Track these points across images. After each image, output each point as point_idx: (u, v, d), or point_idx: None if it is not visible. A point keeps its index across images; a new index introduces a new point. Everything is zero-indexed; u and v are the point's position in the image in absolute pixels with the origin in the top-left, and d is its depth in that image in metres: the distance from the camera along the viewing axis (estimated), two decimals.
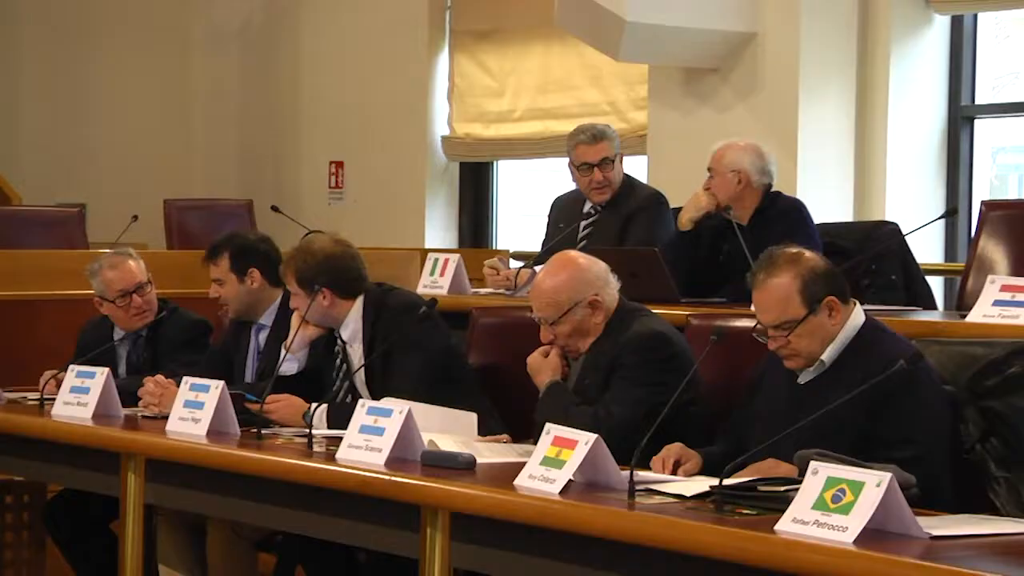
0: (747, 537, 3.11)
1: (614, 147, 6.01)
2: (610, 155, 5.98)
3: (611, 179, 5.99)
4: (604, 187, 5.99)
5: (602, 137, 6.01)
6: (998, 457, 3.85)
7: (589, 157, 5.98)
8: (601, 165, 5.97)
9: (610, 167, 5.98)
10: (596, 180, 5.97)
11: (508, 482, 3.65)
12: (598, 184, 5.98)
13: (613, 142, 6.02)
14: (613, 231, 5.94)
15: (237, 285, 5.17)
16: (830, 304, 3.81)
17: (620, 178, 6.02)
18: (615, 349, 4.29)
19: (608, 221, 5.99)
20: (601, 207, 6.03)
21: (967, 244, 6.75)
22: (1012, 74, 8.98)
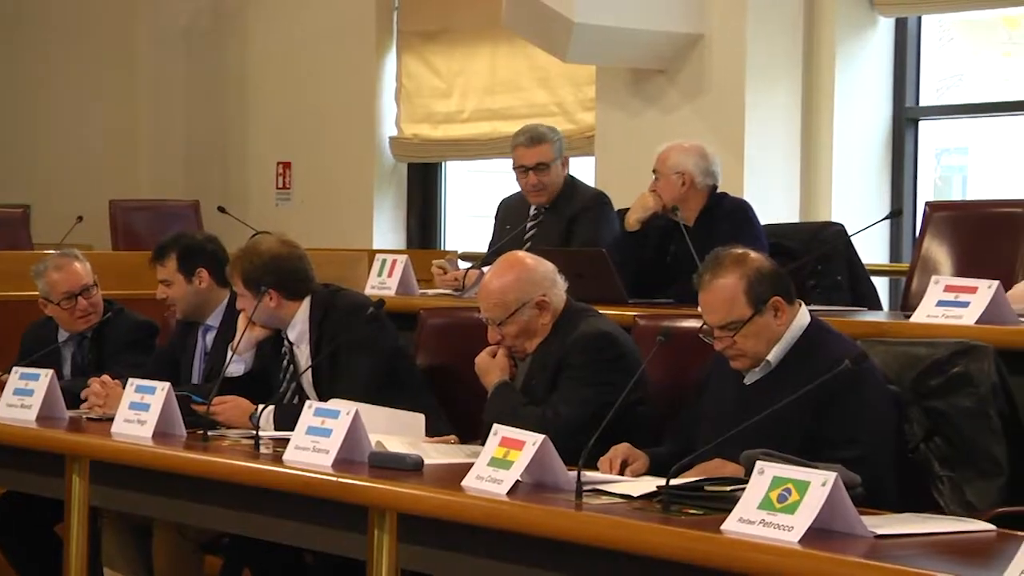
0: (693, 537, 3.12)
1: (553, 151, 6.01)
2: (546, 159, 6.00)
3: (545, 183, 6.01)
4: (540, 191, 6.02)
5: (540, 140, 6.02)
6: (942, 456, 3.88)
7: (525, 160, 6.01)
8: (536, 169, 5.99)
9: (545, 172, 5.99)
10: (531, 183, 6.01)
11: (455, 483, 3.65)
12: (532, 187, 6.02)
13: (553, 145, 6.02)
14: (557, 232, 5.95)
15: (185, 286, 5.14)
16: (776, 305, 3.83)
17: (559, 181, 6.04)
18: (562, 350, 4.30)
19: (552, 222, 6.00)
20: (545, 208, 6.04)
21: (912, 245, 6.79)
22: (956, 76, 9.05)
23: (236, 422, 4.62)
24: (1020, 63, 8.96)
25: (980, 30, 9.01)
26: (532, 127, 6.14)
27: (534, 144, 6.01)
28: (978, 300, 4.44)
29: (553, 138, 6.04)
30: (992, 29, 8.85)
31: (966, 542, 3.14)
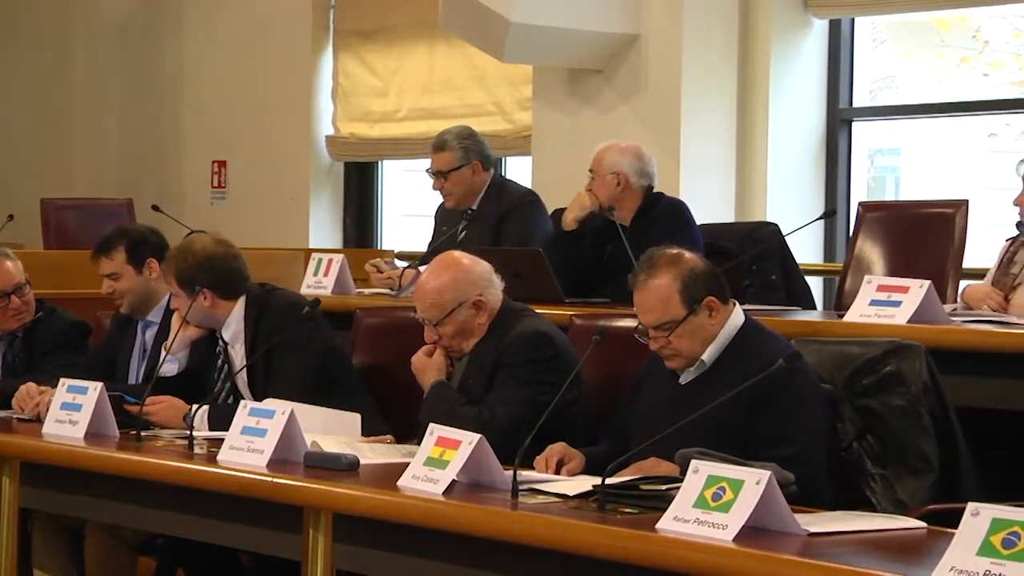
0: (629, 536, 3.13)
1: (456, 158, 6.03)
2: (446, 167, 6.02)
3: (448, 189, 6.03)
4: (447, 196, 6.06)
5: (441, 148, 6.06)
6: (874, 454, 3.92)
7: (431, 165, 6.05)
8: (436, 175, 6.02)
9: (444, 179, 6.01)
10: (435, 188, 6.04)
11: (391, 483, 3.64)
12: (439, 192, 6.05)
13: (455, 153, 6.03)
14: (487, 234, 5.96)
15: (135, 277, 5.11)
16: (710, 304, 3.85)
17: (472, 185, 6.05)
18: (499, 349, 4.30)
19: (481, 224, 6.02)
20: (473, 210, 6.06)
21: (845, 245, 6.85)
22: (889, 78, 9.14)
23: (170, 422, 4.59)
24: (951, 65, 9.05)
25: (912, 32, 9.10)
26: (441, 133, 6.17)
27: (436, 151, 6.07)
28: (910, 300, 4.48)
29: (457, 145, 6.04)
30: (924, 31, 8.94)
31: (897, 539, 3.17)
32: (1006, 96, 8.85)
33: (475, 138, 6.13)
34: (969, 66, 9.02)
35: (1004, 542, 2.61)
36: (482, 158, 6.08)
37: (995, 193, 8.96)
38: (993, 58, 9.05)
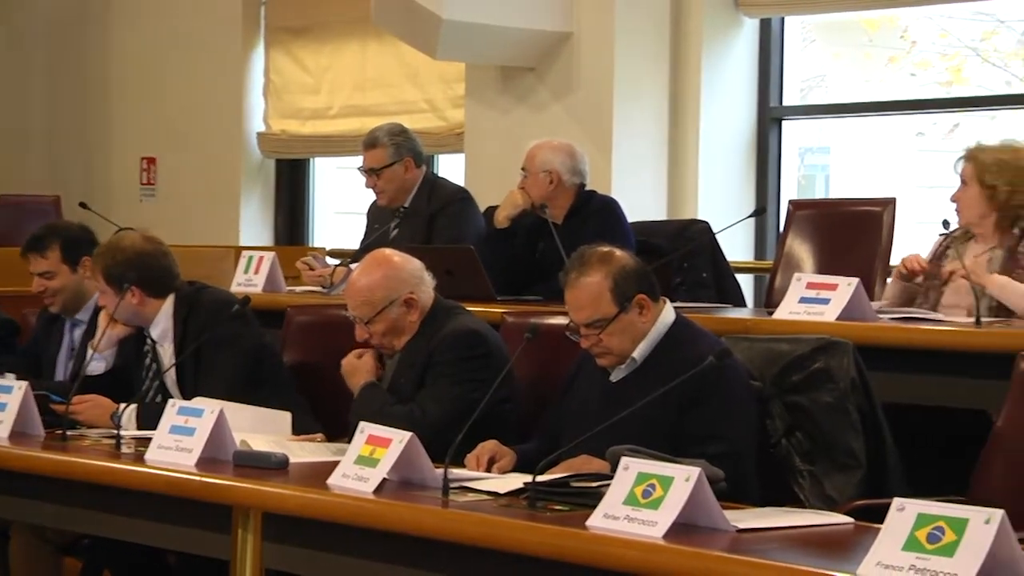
0: (559, 533, 3.14)
1: (388, 155, 6.03)
2: (378, 164, 6.02)
3: (380, 187, 6.03)
4: (379, 193, 6.05)
5: (372, 145, 6.06)
6: (802, 451, 3.94)
7: (363, 163, 6.04)
8: (368, 173, 6.02)
9: (376, 176, 6.01)
10: (368, 186, 6.03)
11: (321, 481, 3.63)
12: (371, 190, 6.05)
13: (387, 150, 6.03)
14: (419, 231, 5.96)
15: (70, 275, 5.07)
16: (640, 302, 3.86)
17: (405, 183, 6.04)
18: (430, 347, 4.30)
19: (413, 221, 6.01)
20: (405, 208, 6.05)
21: (775, 242, 6.89)
22: (818, 77, 9.20)
23: (97, 421, 4.55)
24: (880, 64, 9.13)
25: (841, 32, 9.17)
26: (373, 130, 6.18)
27: (368, 148, 6.07)
28: (839, 297, 4.52)
29: (388, 142, 6.03)
30: (853, 31, 9.01)
31: (825, 535, 3.20)
32: (933, 95, 8.94)
33: (407, 135, 6.13)
34: (897, 66, 9.11)
35: (929, 537, 2.63)
36: (414, 155, 6.08)
37: (923, 191, 9.06)
38: (920, 58, 9.14)
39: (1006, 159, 4.88)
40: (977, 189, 4.84)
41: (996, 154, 4.89)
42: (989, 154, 4.89)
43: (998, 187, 4.83)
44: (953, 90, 9.10)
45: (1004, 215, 4.84)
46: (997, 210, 4.84)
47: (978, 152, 4.90)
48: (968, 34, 9.07)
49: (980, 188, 4.84)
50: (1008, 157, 4.89)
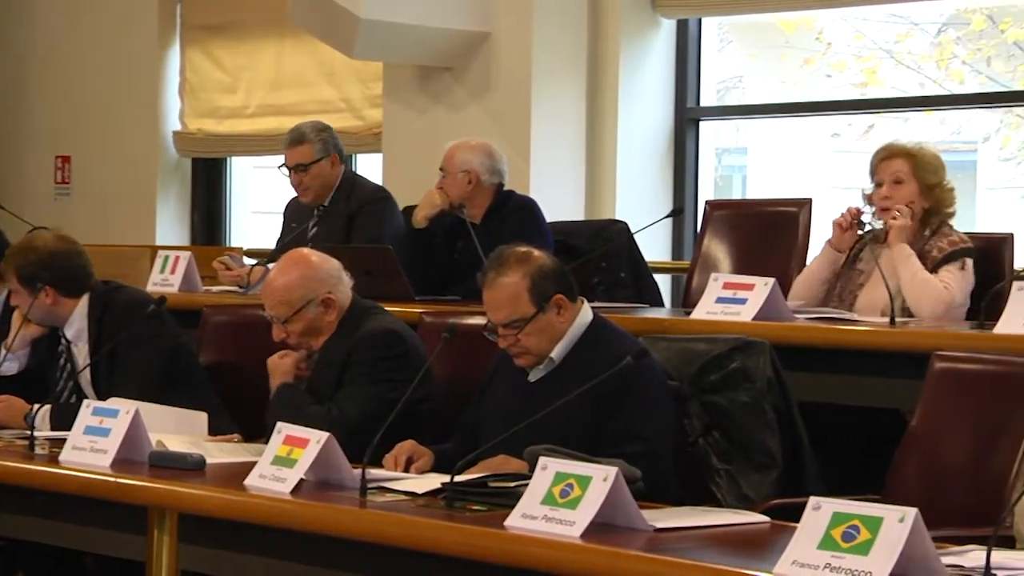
0: (477, 533, 3.14)
1: (315, 151, 6.00)
2: (305, 160, 5.98)
3: (307, 183, 6.00)
4: (304, 190, 6.03)
5: (300, 141, 6.02)
6: (719, 450, 3.97)
7: (287, 160, 6.01)
8: (295, 169, 5.98)
9: (304, 172, 5.98)
10: (293, 183, 6.01)
11: (238, 482, 3.61)
12: (296, 187, 6.02)
13: (314, 146, 6.00)
14: (338, 230, 5.93)
15: None
16: (558, 302, 3.87)
17: (329, 180, 6.01)
18: (348, 347, 4.29)
19: (332, 220, 5.98)
20: (324, 206, 6.02)
21: (693, 243, 6.92)
22: (736, 78, 9.27)
23: (10, 422, 4.50)
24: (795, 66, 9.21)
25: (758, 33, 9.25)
26: (297, 127, 6.14)
27: (294, 145, 6.02)
28: (755, 297, 4.55)
29: (315, 138, 6.01)
30: (769, 33, 9.09)
31: (741, 534, 3.22)
32: (848, 97, 9.04)
33: (331, 131, 6.13)
34: (813, 67, 9.20)
35: (844, 535, 2.66)
36: (338, 152, 6.07)
37: (838, 192, 9.15)
38: (835, 59, 9.24)
39: (935, 157, 4.92)
40: (915, 187, 4.87)
41: (924, 151, 4.92)
42: (924, 151, 4.91)
43: (936, 185, 4.88)
44: (868, 91, 9.20)
45: (928, 215, 4.88)
46: (930, 209, 4.88)
47: (914, 150, 4.92)
48: (882, 36, 9.18)
49: (919, 186, 4.88)
50: (935, 157, 4.93)
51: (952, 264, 4.78)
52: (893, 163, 4.91)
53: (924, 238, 4.88)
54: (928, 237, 4.87)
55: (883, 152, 4.97)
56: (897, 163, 4.90)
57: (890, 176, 4.89)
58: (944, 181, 4.90)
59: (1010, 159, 9.85)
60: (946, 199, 4.90)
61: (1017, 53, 9.02)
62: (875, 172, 4.97)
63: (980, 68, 9.29)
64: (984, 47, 9.24)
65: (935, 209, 4.89)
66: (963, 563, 2.76)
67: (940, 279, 4.75)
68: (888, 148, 4.97)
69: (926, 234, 4.88)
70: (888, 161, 4.92)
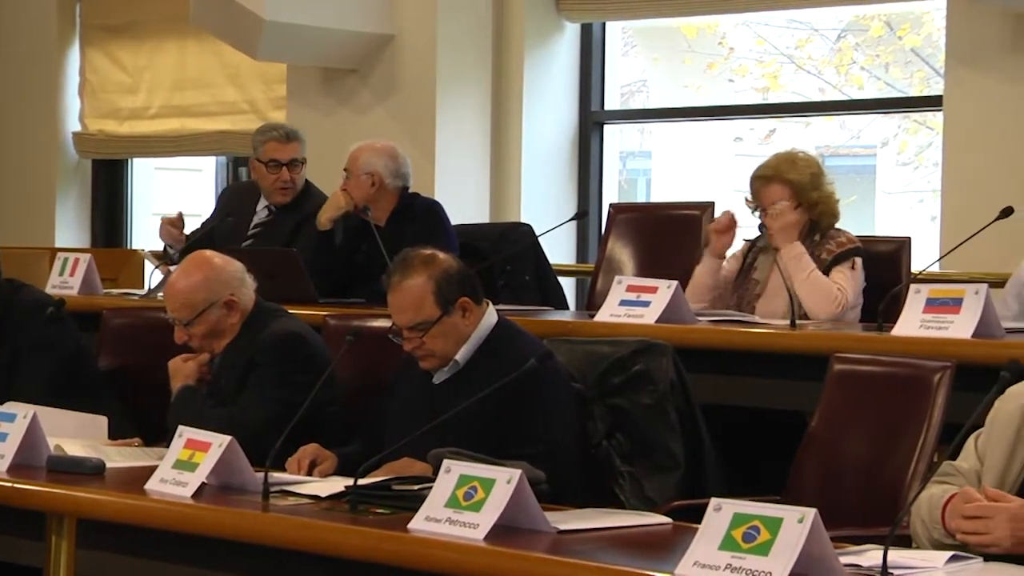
0: (380, 536, 3.13)
1: (303, 150, 6.00)
2: (299, 157, 5.97)
3: (297, 181, 5.97)
4: (288, 188, 5.98)
5: (295, 138, 6.03)
6: (623, 452, 3.99)
7: (280, 155, 5.96)
8: (290, 165, 5.95)
9: (298, 168, 5.97)
10: (283, 179, 5.96)
11: (139, 486, 3.57)
12: (283, 184, 5.97)
13: (303, 144, 6.01)
14: (285, 233, 5.89)
15: None
16: (463, 305, 3.87)
17: (301, 181, 6.00)
18: (251, 350, 4.26)
19: (282, 224, 5.95)
20: (277, 208, 5.99)
21: (597, 246, 6.96)
22: (640, 82, 9.34)
23: None
24: (699, 70, 9.30)
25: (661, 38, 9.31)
26: (281, 124, 6.18)
27: (289, 140, 6.01)
28: (658, 300, 4.58)
29: (303, 139, 6.05)
30: (672, 37, 9.16)
31: (644, 535, 3.23)
32: (750, 101, 9.13)
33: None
34: (715, 72, 9.29)
35: (745, 536, 2.68)
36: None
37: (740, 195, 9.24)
38: (738, 64, 9.34)
39: (812, 170, 4.96)
40: (800, 210, 4.92)
41: (801, 168, 4.95)
42: (796, 172, 4.94)
43: (818, 200, 4.93)
44: (769, 96, 9.31)
45: (815, 223, 4.94)
46: (813, 222, 4.93)
47: (787, 173, 4.94)
48: (783, 42, 9.29)
49: (802, 208, 4.92)
50: (812, 168, 4.97)
51: (842, 265, 4.85)
52: (772, 190, 4.93)
53: (813, 243, 4.93)
54: (817, 242, 4.93)
55: (761, 178, 4.98)
56: (776, 190, 4.93)
57: (771, 205, 4.92)
58: (824, 189, 4.95)
59: (908, 164, 10.01)
60: (830, 207, 4.95)
61: (914, 59, 9.17)
62: (755, 196, 4.99)
63: (879, 74, 9.43)
64: (882, 53, 9.38)
65: (823, 216, 4.94)
66: (861, 562, 2.79)
67: (833, 280, 4.81)
68: (765, 173, 4.98)
69: (816, 239, 4.94)
70: (767, 188, 4.95)
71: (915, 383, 3.64)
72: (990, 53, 6.11)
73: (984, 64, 6.12)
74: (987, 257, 5.39)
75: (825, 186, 4.97)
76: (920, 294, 4.22)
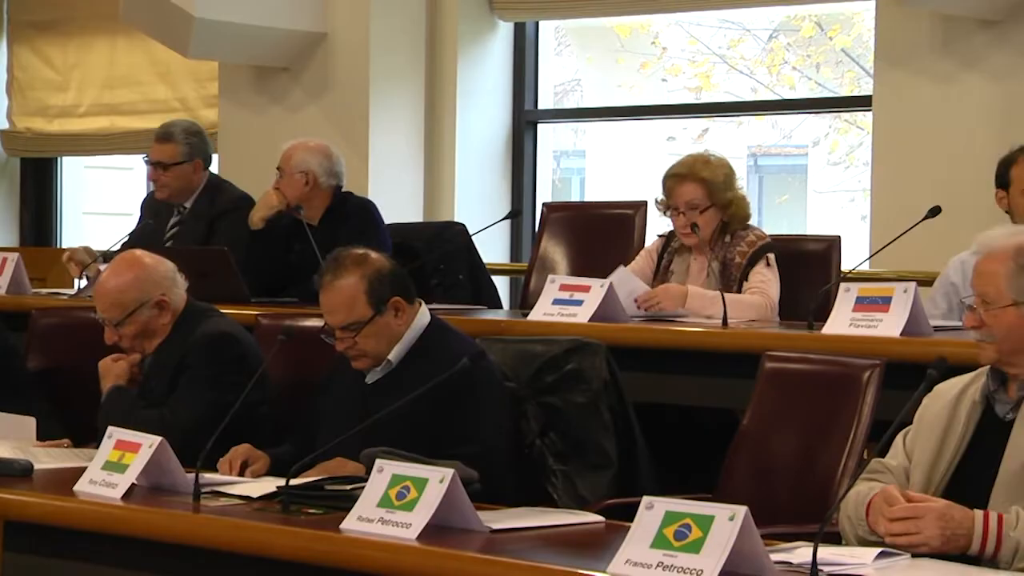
0: (312, 536, 3.12)
1: (179, 153, 5.91)
2: (169, 160, 5.90)
3: (164, 181, 5.91)
4: (161, 188, 5.93)
5: (167, 139, 5.94)
6: (556, 451, 3.99)
7: (152, 155, 5.92)
8: (155, 166, 5.90)
9: (163, 171, 5.89)
10: (150, 178, 5.92)
11: (67, 488, 3.55)
12: (153, 183, 5.93)
13: (180, 148, 5.92)
14: (198, 234, 5.85)
15: None
16: (396, 305, 3.86)
17: (192, 183, 5.94)
18: (182, 350, 4.23)
19: (194, 223, 5.90)
20: (186, 208, 5.94)
21: (531, 245, 6.97)
22: (573, 81, 9.35)
23: None
24: (632, 70, 9.33)
25: (594, 37, 9.34)
26: (169, 124, 6.07)
27: (160, 141, 5.94)
28: (591, 299, 4.59)
29: (183, 140, 5.93)
30: (605, 37, 9.19)
31: (576, 534, 3.24)
32: (683, 100, 9.17)
33: (201, 136, 6.04)
34: (649, 71, 9.32)
35: (676, 534, 2.69)
36: (204, 157, 5.99)
37: None
38: (671, 64, 9.38)
39: (725, 171, 4.98)
40: (713, 210, 4.93)
41: (715, 168, 4.96)
42: (710, 171, 4.95)
43: (731, 201, 4.94)
44: (702, 96, 9.35)
45: (726, 224, 4.95)
46: (728, 221, 4.95)
47: (702, 171, 4.94)
48: (716, 42, 9.34)
49: (715, 208, 4.94)
50: (725, 169, 4.99)
51: (759, 264, 4.86)
52: (686, 189, 4.93)
53: (725, 244, 4.95)
54: (729, 243, 4.94)
55: (675, 177, 4.98)
56: (690, 189, 4.92)
57: (685, 204, 4.92)
58: (737, 192, 4.97)
59: (838, 163, 10.09)
60: (742, 209, 4.97)
61: (845, 60, 9.24)
62: (669, 195, 4.98)
63: (810, 74, 9.50)
64: (813, 53, 9.45)
65: (733, 218, 4.95)
66: (791, 559, 2.81)
67: (753, 285, 4.82)
68: (679, 171, 4.98)
69: (727, 240, 4.95)
70: (682, 187, 4.94)
71: (845, 381, 3.66)
72: (918, 54, 6.17)
73: (912, 65, 6.18)
74: (916, 256, 5.45)
75: (737, 188, 4.99)
76: (850, 293, 4.25)
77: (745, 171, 10.13)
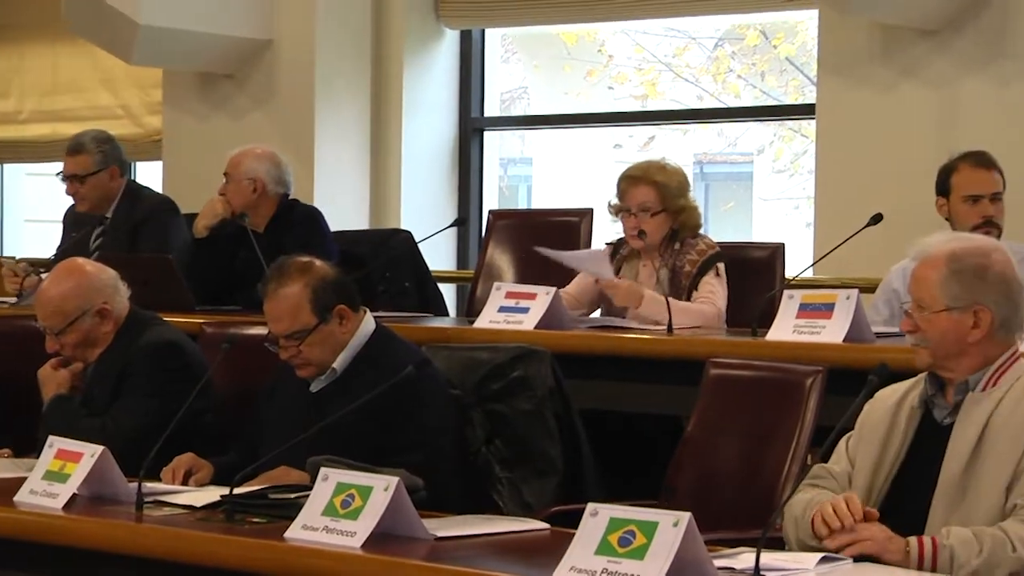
0: (256, 546, 3.11)
1: (93, 163, 5.89)
2: (82, 171, 5.87)
3: (82, 194, 5.88)
4: (79, 200, 5.91)
5: (78, 151, 5.91)
6: (501, 458, 4.00)
7: (64, 168, 5.90)
8: (71, 179, 5.87)
9: (79, 183, 5.86)
10: (67, 192, 5.88)
11: (8, 498, 3.52)
12: (71, 195, 5.90)
13: (93, 157, 5.89)
14: (122, 242, 5.82)
15: None
16: (341, 312, 3.85)
17: (108, 191, 5.90)
18: (125, 359, 4.21)
19: (116, 232, 5.87)
20: (108, 217, 5.90)
21: (477, 252, 6.97)
22: (520, 88, 9.37)
23: None
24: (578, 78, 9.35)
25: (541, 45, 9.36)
26: (77, 136, 6.02)
27: (71, 154, 5.92)
28: (537, 306, 4.60)
29: (95, 149, 5.89)
30: (552, 45, 9.22)
31: (522, 541, 3.24)
32: (629, 108, 9.21)
33: (113, 143, 6.00)
34: (595, 79, 9.35)
35: (620, 540, 2.70)
36: (119, 164, 5.96)
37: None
38: (617, 72, 9.41)
39: (679, 179, 5.00)
40: (664, 215, 4.95)
41: (669, 174, 4.98)
42: (665, 176, 4.97)
43: (683, 208, 4.96)
44: (648, 104, 9.39)
45: (676, 232, 4.96)
46: (678, 230, 4.96)
47: (659, 177, 4.96)
48: (661, 50, 9.38)
49: (667, 212, 4.95)
50: (680, 176, 5.01)
51: (708, 274, 4.88)
52: (640, 191, 4.95)
53: (675, 252, 4.96)
54: (678, 251, 4.96)
55: (629, 179, 4.99)
56: (643, 192, 4.94)
57: (637, 206, 4.94)
58: (689, 201, 4.99)
59: (783, 171, 10.16)
60: (693, 218, 4.98)
61: (789, 68, 9.30)
62: (622, 197, 5.00)
63: (755, 82, 9.56)
64: (758, 62, 9.51)
65: (683, 227, 4.97)
66: (735, 565, 2.82)
67: (702, 295, 4.84)
68: (634, 174, 4.99)
69: (676, 248, 4.97)
70: (635, 189, 4.96)
71: (788, 387, 3.68)
72: (860, 63, 6.22)
73: (855, 73, 6.23)
74: (859, 263, 5.48)
75: (691, 198, 5.01)
76: (793, 300, 4.27)
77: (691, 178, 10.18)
